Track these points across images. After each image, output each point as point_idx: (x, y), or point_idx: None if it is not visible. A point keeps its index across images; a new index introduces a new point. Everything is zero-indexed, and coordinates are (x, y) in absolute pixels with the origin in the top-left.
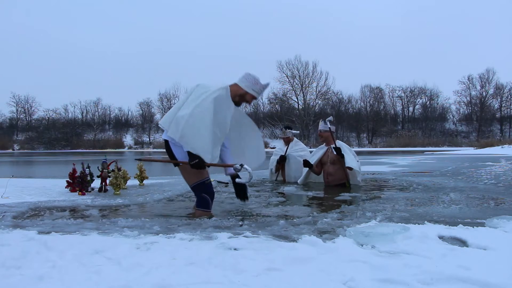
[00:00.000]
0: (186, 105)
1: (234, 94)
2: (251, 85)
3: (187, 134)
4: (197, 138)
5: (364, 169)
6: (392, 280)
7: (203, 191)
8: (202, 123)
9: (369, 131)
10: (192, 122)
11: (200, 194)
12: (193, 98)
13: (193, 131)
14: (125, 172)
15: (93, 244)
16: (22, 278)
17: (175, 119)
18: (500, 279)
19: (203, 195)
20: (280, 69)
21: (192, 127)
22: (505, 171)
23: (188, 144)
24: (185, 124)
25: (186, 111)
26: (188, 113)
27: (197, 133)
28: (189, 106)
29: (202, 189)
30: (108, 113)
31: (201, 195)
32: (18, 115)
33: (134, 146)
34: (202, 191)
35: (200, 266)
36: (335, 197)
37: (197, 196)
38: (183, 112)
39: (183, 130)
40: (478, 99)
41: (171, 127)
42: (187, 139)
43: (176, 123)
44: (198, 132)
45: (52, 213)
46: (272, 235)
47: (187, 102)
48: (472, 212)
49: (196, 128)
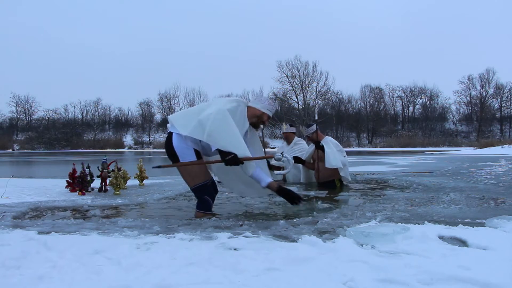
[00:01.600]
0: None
1: (252, 115)
2: (266, 105)
3: (214, 131)
4: (225, 134)
5: (364, 169)
6: (392, 280)
7: (205, 193)
8: (228, 120)
9: (369, 131)
10: (219, 119)
11: (201, 196)
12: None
13: (221, 128)
14: (125, 172)
15: (93, 244)
16: (22, 278)
17: (198, 121)
18: (500, 279)
19: (204, 197)
20: (280, 69)
21: (219, 125)
22: (505, 171)
23: (218, 142)
24: (211, 123)
25: (210, 111)
26: (214, 112)
27: (226, 129)
28: (213, 109)
29: (204, 191)
30: (108, 113)
31: (202, 197)
32: (18, 115)
33: (134, 146)
34: (204, 193)
35: (200, 266)
36: (335, 197)
37: (198, 198)
38: (207, 112)
39: (210, 128)
40: (478, 99)
41: (194, 129)
42: (216, 136)
43: (201, 124)
44: (227, 128)
45: (52, 213)
46: (272, 235)
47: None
48: (472, 212)
49: (224, 125)
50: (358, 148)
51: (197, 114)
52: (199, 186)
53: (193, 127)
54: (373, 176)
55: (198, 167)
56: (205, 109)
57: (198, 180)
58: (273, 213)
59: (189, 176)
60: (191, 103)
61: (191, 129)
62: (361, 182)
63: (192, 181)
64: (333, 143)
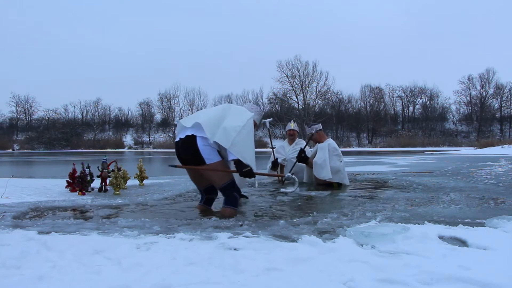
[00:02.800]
0: (232, 118)
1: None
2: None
3: (239, 143)
4: (247, 148)
5: (364, 169)
6: (392, 280)
7: (234, 190)
8: (251, 137)
9: (369, 131)
10: (244, 133)
11: (231, 193)
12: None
13: (245, 143)
14: (125, 172)
15: (93, 244)
16: (22, 278)
17: (224, 129)
18: (500, 279)
19: (234, 194)
20: (280, 69)
21: (244, 139)
22: (505, 171)
23: (240, 153)
24: (237, 135)
25: (237, 123)
26: (241, 125)
27: (248, 144)
28: (236, 120)
29: (232, 188)
30: (108, 113)
31: (232, 194)
32: (18, 115)
33: (134, 146)
34: (233, 190)
35: (200, 266)
36: (335, 197)
37: (227, 195)
38: (234, 124)
39: (235, 139)
40: (478, 99)
41: (221, 136)
42: (239, 148)
43: (226, 132)
44: (249, 143)
45: (52, 213)
46: (272, 235)
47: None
48: (472, 212)
49: (247, 140)
50: (358, 148)
51: (219, 120)
52: (228, 183)
53: (219, 134)
54: (373, 176)
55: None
56: (226, 116)
57: (226, 178)
58: (273, 213)
59: (217, 175)
60: (191, 103)
61: (218, 136)
62: (361, 182)
63: (221, 180)
64: (331, 148)
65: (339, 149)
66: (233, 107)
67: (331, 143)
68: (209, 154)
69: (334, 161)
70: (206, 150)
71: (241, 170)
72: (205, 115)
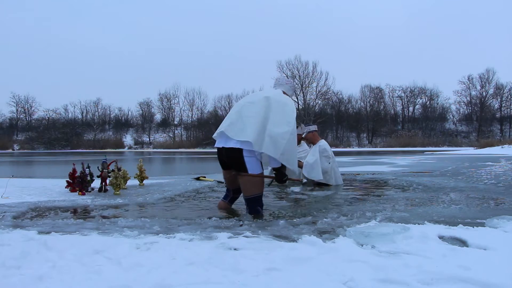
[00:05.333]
0: (275, 120)
1: None
2: (293, 92)
3: (288, 151)
4: (294, 155)
5: (364, 169)
6: (392, 280)
7: (259, 204)
8: (295, 141)
9: (369, 131)
10: (292, 139)
11: (255, 207)
12: (279, 111)
13: (292, 150)
14: (125, 172)
15: (93, 244)
16: (22, 278)
17: (271, 138)
18: (500, 279)
19: (257, 208)
20: (280, 69)
21: (292, 145)
22: (505, 171)
23: (289, 162)
24: (286, 143)
25: (283, 128)
26: (289, 131)
27: (294, 150)
28: (281, 121)
29: (258, 202)
30: (108, 113)
31: (255, 208)
32: (18, 115)
33: (134, 146)
34: (258, 204)
35: (200, 266)
36: (334, 197)
37: (251, 208)
38: (280, 129)
39: (285, 148)
40: (478, 99)
41: (268, 146)
42: (288, 157)
43: (275, 142)
44: (295, 149)
45: (52, 213)
46: (272, 235)
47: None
48: (472, 212)
49: (294, 147)
50: (358, 148)
51: (264, 123)
52: (256, 196)
53: (267, 144)
54: (373, 176)
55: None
56: (269, 115)
57: (257, 191)
58: (273, 213)
59: (252, 185)
60: (191, 103)
61: (266, 147)
62: (361, 182)
63: (251, 190)
64: (321, 149)
65: (331, 150)
66: (272, 99)
67: (322, 144)
68: (253, 165)
69: (322, 162)
70: (251, 162)
71: (281, 179)
72: (251, 123)
